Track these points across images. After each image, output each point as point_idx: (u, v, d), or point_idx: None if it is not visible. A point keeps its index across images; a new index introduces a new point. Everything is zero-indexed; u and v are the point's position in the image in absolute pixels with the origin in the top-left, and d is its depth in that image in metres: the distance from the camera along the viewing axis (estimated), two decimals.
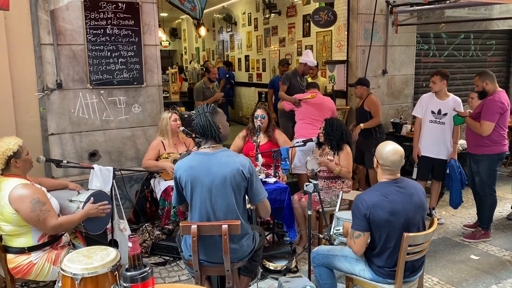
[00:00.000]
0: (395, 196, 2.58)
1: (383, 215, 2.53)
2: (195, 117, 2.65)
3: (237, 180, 2.57)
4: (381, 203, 2.54)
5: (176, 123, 4.27)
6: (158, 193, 4.22)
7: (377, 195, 2.59)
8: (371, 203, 2.55)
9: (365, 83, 5.37)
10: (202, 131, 2.63)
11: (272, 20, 9.38)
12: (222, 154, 2.63)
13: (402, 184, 2.66)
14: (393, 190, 2.61)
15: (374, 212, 2.53)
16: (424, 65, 7.11)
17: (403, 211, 2.56)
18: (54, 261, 2.76)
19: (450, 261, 4.01)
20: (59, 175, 4.39)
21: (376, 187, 2.68)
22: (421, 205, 2.66)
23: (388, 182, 2.65)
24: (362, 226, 2.58)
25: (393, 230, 2.56)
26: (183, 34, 15.27)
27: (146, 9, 4.63)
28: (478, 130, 4.22)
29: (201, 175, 2.59)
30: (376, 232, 2.60)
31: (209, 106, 2.67)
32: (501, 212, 5.17)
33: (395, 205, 2.55)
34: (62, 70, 4.32)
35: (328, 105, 5.19)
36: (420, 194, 2.69)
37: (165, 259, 4.00)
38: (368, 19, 6.11)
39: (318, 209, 3.92)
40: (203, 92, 6.62)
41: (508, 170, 6.79)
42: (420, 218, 2.66)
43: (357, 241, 2.62)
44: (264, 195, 2.70)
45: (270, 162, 4.18)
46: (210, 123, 2.61)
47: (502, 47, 8.13)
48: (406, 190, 2.63)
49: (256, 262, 2.95)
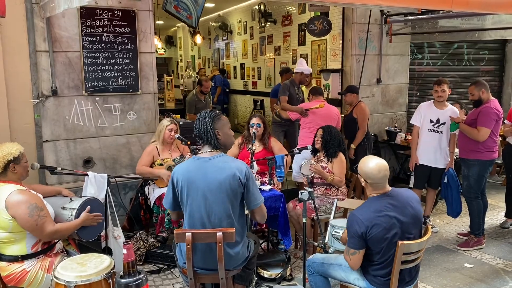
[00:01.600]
0: (389, 211, 2.57)
1: (379, 232, 2.53)
2: (196, 120, 2.68)
3: (233, 186, 2.57)
4: (377, 221, 2.53)
5: (170, 133, 4.25)
6: (152, 200, 4.21)
7: (371, 212, 2.58)
8: (367, 223, 2.53)
9: (354, 90, 5.45)
10: (200, 135, 2.66)
11: (267, 28, 9.44)
12: (219, 159, 2.63)
13: (395, 196, 2.65)
14: (386, 204, 2.60)
15: (370, 231, 2.52)
16: (418, 74, 7.17)
17: (399, 225, 2.56)
18: (48, 269, 2.74)
19: (444, 269, 4.01)
20: (53, 182, 4.37)
21: (368, 204, 2.66)
22: (416, 216, 2.65)
23: (380, 197, 2.65)
24: (357, 245, 2.58)
25: (390, 244, 2.56)
26: (179, 42, 15.30)
27: (142, 17, 4.65)
28: (474, 135, 4.27)
29: (197, 180, 2.59)
30: (373, 247, 2.60)
31: (212, 112, 2.69)
32: (495, 221, 5.20)
33: (390, 220, 2.55)
34: (57, 77, 4.32)
35: (335, 114, 5.21)
36: (415, 203, 2.67)
37: (159, 267, 3.98)
38: (363, 29, 6.16)
39: (313, 217, 3.92)
40: (195, 105, 6.64)
41: (501, 178, 6.83)
42: (416, 228, 2.65)
43: (353, 257, 2.63)
44: (261, 200, 2.69)
45: (265, 169, 4.18)
46: (208, 127, 2.62)
47: (495, 57, 8.22)
48: (399, 203, 2.62)
49: (251, 270, 2.94)
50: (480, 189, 4.47)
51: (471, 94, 4.39)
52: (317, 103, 5.15)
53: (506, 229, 4.95)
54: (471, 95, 4.39)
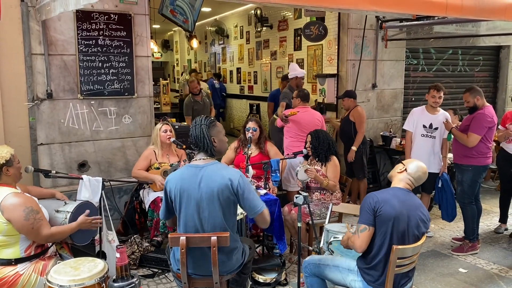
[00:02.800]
0: (405, 200, 2.65)
1: (390, 211, 2.58)
2: (191, 127, 2.66)
3: (225, 195, 2.55)
4: (391, 201, 2.61)
5: (166, 134, 4.27)
6: (147, 204, 4.19)
7: (389, 193, 2.69)
8: (381, 199, 2.62)
9: (352, 95, 5.48)
10: (196, 142, 2.64)
11: (263, 33, 9.46)
12: (212, 167, 2.61)
13: (412, 195, 2.75)
14: (405, 196, 2.69)
15: (382, 206, 2.58)
16: (413, 80, 7.21)
17: (407, 216, 2.61)
18: (41, 272, 2.72)
19: (439, 274, 4.02)
20: (48, 185, 4.35)
21: (390, 189, 2.76)
22: (424, 220, 2.69)
23: (402, 189, 2.73)
24: (368, 220, 2.62)
25: (393, 232, 2.58)
26: (175, 46, 15.31)
27: (138, 21, 4.65)
28: (464, 141, 4.31)
29: (190, 188, 2.58)
30: (378, 226, 2.62)
31: (208, 119, 2.67)
32: (489, 226, 5.21)
33: (403, 207, 2.61)
34: (52, 80, 4.31)
35: (318, 119, 5.09)
36: (424, 211, 2.73)
37: (154, 271, 3.96)
38: (358, 34, 6.19)
39: (308, 221, 3.92)
40: (192, 106, 6.61)
41: (495, 184, 6.87)
42: (419, 230, 2.67)
43: (362, 235, 2.63)
44: (261, 207, 2.64)
45: (261, 174, 4.18)
46: (204, 135, 2.61)
47: (489, 63, 8.28)
48: (414, 201, 2.71)
49: (246, 275, 2.94)
50: (474, 194, 4.49)
51: (466, 101, 4.41)
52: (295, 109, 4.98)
53: (500, 234, 4.97)
54: (466, 102, 4.41)
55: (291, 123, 4.99)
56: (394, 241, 2.58)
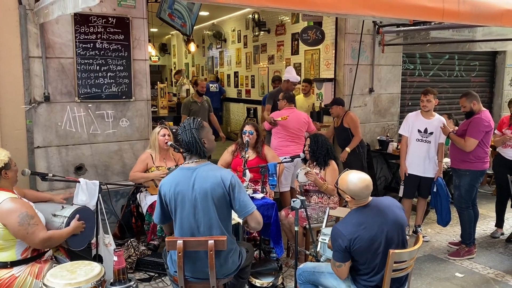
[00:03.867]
0: (370, 222, 2.59)
1: (363, 245, 2.55)
2: (180, 133, 2.65)
3: (218, 194, 2.56)
4: (359, 234, 2.55)
5: (164, 138, 4.26)
6: (144, 207, 4.19)
7: (353, 225, 2.60)
8: (349, 236, 2.55)
9: (340, 102, 5.49)
10: (187, 147, 2.64)
11: (261, 37, 9.49)
12: (205, 168, 2.63)
13: (375, 206, 2.68)
14: (367, 215, 2.63)
15: (354, 244, 2.55)
16: (410, 84, 7.24)
17: (381, 233, 2.58)
18: (37, 275, 2.71)
19: (435, 278, 4.02)
20: (44, 188, 4.34)
21: (350, 217, 2.69)
22: (397, 221, 2.65)
23: (361, 209, 2.68)
24: (342, 258, 2.61)
25: (375, 254, 2.58)
26: (173, 50, 15.33)
27: (136, 24, 4.66)
28: (461, 145, 4.32)
29: (184, 190, 2.58)
30: (357, 258, 2.62)
31: (196, 121, 2.67)
32: (485, 230, 5.23)
33: (372, 231, 2.57)
34: (50, 83, 4.31)
35: (304, 118, 5.22)
36: (395, 209, 2.69)
37: (150, 275, 3.95)
38: (356, 39, 6.22)
39: (305, 226, 3.93)
40: (189, 106, 6.60)
41: (492, 188, 6.89)
42: (399, 234, 2.65)
43: (339, 269, 2.65)
44: (252, 208, 2.64)
45: (258, 177, 4.19)
46: (196, 139, 2.61)
47: (485, 68, 8.33)
48: (380, 212, 2.64)
49: (244, 280, 2.93)
50: (471, 199, 4.50)
51: (462, 106, 4.43)
52: (285, 112, 5.09)
53: (497, 239, 4.99)
54: (463, 107, 4.43)
55: (280, 124, 5.13)
56: (381, 256, 2.57)
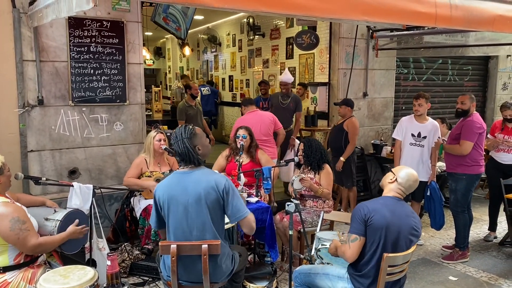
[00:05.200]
0: (395, 209, 2.66)
1: (381, 221, 2.58)
2: (173, 142, 2.65)
3: (211, 198, 2.56)
4: (382, 210, 2.62)
5: (159, 143, 4.25)
6: (138, 212, 4.17)
7: (379, 203, 2.70)
8: (372, 208, 2.63)
9: (350, 104, 5.49)
10: (181, 157, 2.64)
11: (256, 41, 9.52)
12: (199, 172, 2.63)
13: (403, 205, 2.75)
14: (395, 205, 2.70)
15: (373, 216, 2.59)
16: (403, 89, 7.29)
17: (398, 225, 2.62)
18: (30, 280, 2.69)
19: (429, 282, 4.04)
20: (38, 192, 4.31)
21: (380, 198, 2.77)
22: (414, 228, 2.70)
23: (393, 198, 2.74)
24: (359, 230, 2.62)
25: (385, 241, 2.59)
26: (168, 53, 15.33)
27: (131, 28, 4.66)
28: (458, 151, 4.36)
29: (177, 194, 2.58)
30: (369, 238, 2.63)
31: (187, 129, 2.65)
32: (479, 234, 5.26)
33: (394, 217, 2.62)
34: (44, 86, 4.29)
35: (267, 118, 5.24)
36: (416, 219, 2.75)
37: (144, 280, 3.93)
38: (350, 43, 6.26)
39: (299, 229, 3.93)
40: (185, 111, 6.59)
41: (485, 192, 6.93)
42: (409, 240, 2.68)
43: (353, 245, 2.64)
44: (245, 213, 2.65)
45: (252, 181, 4.19)
46: (189, 149, 2.60)
47: (478, 73, 8.40)
48: (405, 209, 2.72)
49: (238, 284, 2.93)
50: (467, 203, 4.51)
51: (462, 103, 4.42)
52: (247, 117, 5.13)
53: (490, 242, 5.01)
54: (462, 104, 4.42)
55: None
56: (386, 250, 2.59)
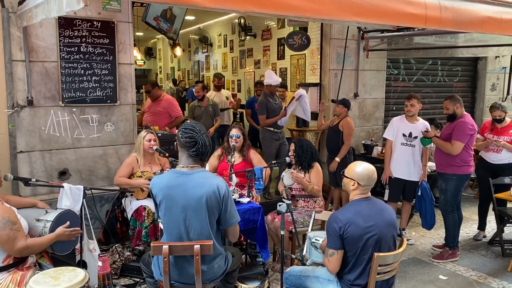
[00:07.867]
0: (368, 212, 2.65)
1: (357, 231, 2.58)
2: (197, 137, 2.56)
3: (212, 202, 2.55)
4: (355, 219, 2.60)
5: (149, 143, 4.23)
6: (129, 213, 4.15)
7: (351, 212, 2.66)
8: (345, 220, 2.59)
9: (347, 105, 5.47)
10: (201, 151, 2.57)
11: (247, 42, 9.53)
12: (200, 174, 2.60)
13: (374, 203, 2.75)
14: (366, 206, 2.69)
15: (348, 227, 2.57)
16: (394, 89, 7.34)
17: (376, 226, 2.62)
18: (19, 283, 2.66)
19: (419, 281, 4.07)
20: (27, 194, 4.27)
21: (349, 206, 2.75)
22: (392, 223, 2.72)
23: (361, 200, 2.73)
24: (336, 244, 2.62)
25: (366, 247, 2.60)
26: (159, 54, 15.28)
27: (122, 28, 4.63)
28: (448, 149, 4.38)
29: (176, 195, 2.56)
30: (349, 249, 2.63)
31: (201, 126, 2.65)
32: (468, 233, 5.31)
33: (369, 221, 2.61)
34: (33, 87, 4.25)
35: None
36: (391, 212, 2.76)
37: (135, 281, 3.91)
38: (341, 44, 6.29)
39: (291, 230, 3.94)
40: (193, 110, 6.68)
41: (474, 192, 7.00)
42: (391, 236, 2.71)
43: (331, 259, 2.65)
44: (237, 220, 2.68)
45: (244, 182, 4.19)
46: (210, 144, 2.62)
47: (467, 74, 8.49)
48: (377, 208, 2.72)
49: (231, 285, 2.93)
50: (456, 202, 4.55)
51: (446, 108, 4.49)
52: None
53: (479, 242, 5.06)
54: (446, 109, 4.49)
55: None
56: (371, 251, 2.59)
